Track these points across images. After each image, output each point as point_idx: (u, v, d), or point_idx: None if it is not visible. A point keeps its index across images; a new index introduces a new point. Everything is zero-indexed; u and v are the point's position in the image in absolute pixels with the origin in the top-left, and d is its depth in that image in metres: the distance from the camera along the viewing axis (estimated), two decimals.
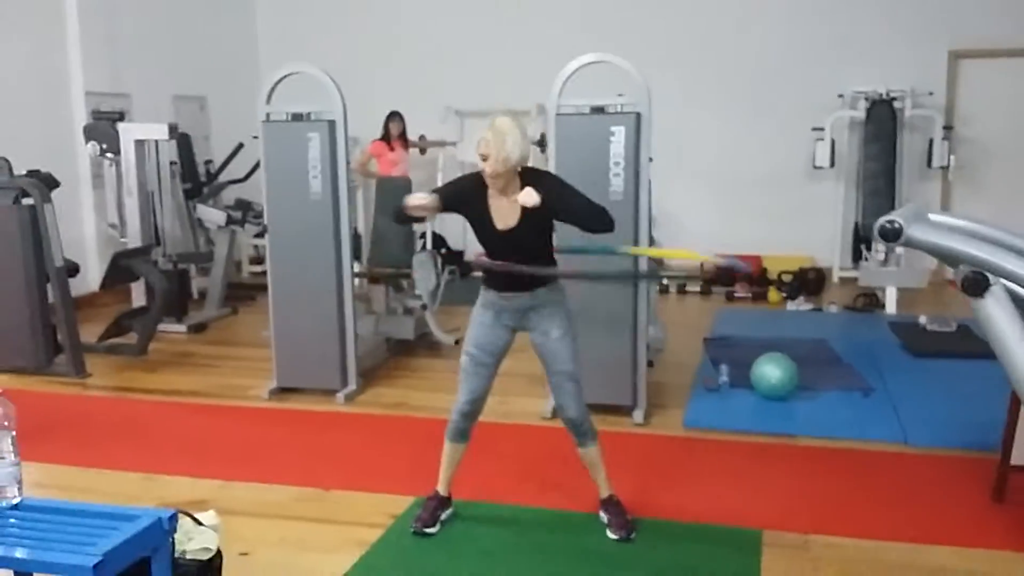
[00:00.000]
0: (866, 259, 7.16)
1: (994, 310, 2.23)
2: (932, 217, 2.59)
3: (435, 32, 8.80)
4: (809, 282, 7.47)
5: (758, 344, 5.23)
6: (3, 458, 2.11)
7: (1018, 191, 7.70)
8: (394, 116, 7.54)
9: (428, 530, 3.19)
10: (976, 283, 2.22)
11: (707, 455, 3.99)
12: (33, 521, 2.10)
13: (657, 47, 8.10)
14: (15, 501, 2.13)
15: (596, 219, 3.01)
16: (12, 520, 2.09)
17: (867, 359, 5.35)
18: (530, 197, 2.85)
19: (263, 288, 6.22)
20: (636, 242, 4.23)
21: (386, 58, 8.86)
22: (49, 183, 5.43)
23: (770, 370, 4.57)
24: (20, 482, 2.15)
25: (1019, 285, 2.22)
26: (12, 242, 5.13)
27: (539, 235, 3.05)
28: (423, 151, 8.35)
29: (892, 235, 2.24)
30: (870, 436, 4.12)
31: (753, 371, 4.63)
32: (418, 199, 2.97)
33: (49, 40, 6.94)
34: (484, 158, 2.91)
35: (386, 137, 7.51)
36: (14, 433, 2.13)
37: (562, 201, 2.96)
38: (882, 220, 2.25)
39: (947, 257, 2.31)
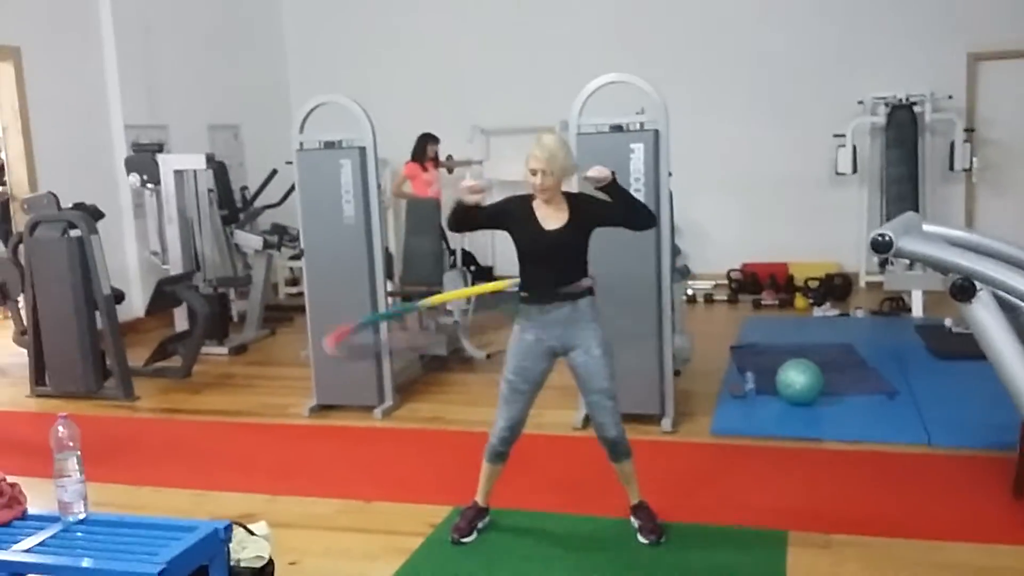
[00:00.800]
0: (891, 264, 7.20)
1: (981, 314, 2.37)
2: (926, 228, 2.72)
3: (459, 54, 8.99)
4: (835, 288, 7.54)
5: (784, 351, 5.32)
6: (70, 476, 2.27)
7: None
8: (432, 138, 7.68)
9: (465, 540, 3.32)
10: (964, 290, 2.36)
11: (734, 460, 4.08)
12: (99, 534, 2.26)
13: (678, 59, 8.24)
14: (82, 516, 2.29)
15: (642, 213, 3.23)
16: (79, 533, 2.25)
17: (893, 363, 5.41)
18: (601, 171, 3.07)
19: (299, 309, 6.43)
20: (659, 252, 4.36)
21: (411, 81, 9.07)
22: (95, 215, 5.66)
23: (795, 376, 4.66)
24: (86, 498, 2.31)
25: (1003, 291, 2.34)
26: (62, 272, 5.37)
27: (581, 241, 3.18)
28: (450, 171, 8.53)
29: (883, 247, 2.38)
30: (894, 438, 4.19)
31: (778, 377, 4.73)
32: (469, 183, 3.12)
33: (89, 77, 7.23)
34: (534, 172, 3.06)
35: (419, 158, 7.66)
36: (79, 453, 2.30)
37: (606, 205, 3.16)
38: (874, 233, 2.39)
39: (937, 266, 2.44)
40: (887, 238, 2.40)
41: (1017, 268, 2.65)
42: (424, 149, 7.63)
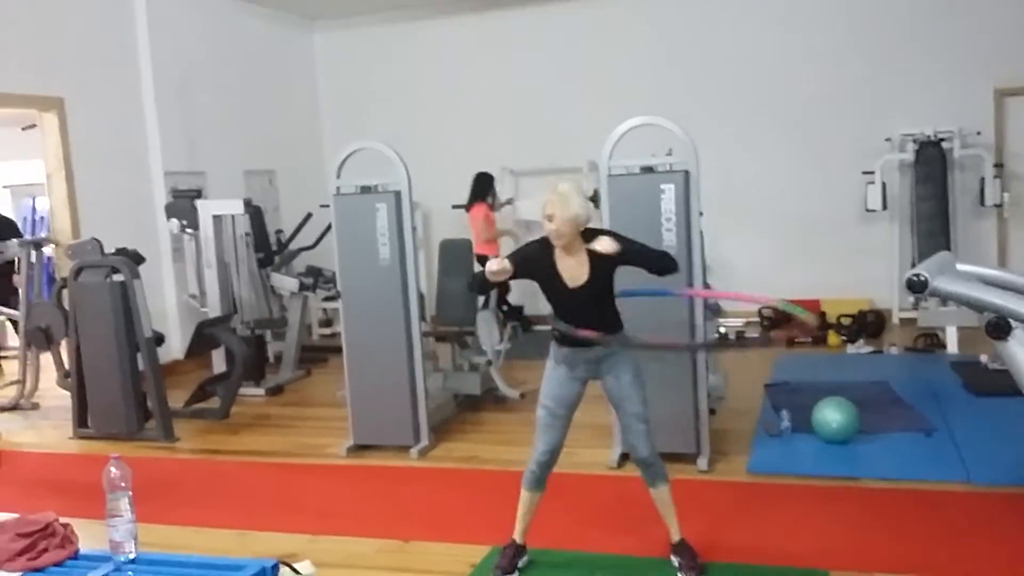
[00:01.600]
0: (925, 300, 7.18)
1: (1018, 352, 2.39)
2: (959, 267, 2.75)
3: (488, 97, 9.14)
4: (869, 324, 7.49)
5: (819, 388, 5.31)
6: (121, 516, 2.32)
7: None
8: (492, 178, 7.81)
9: None
10: (999, 328, 2.38)
11: (772, 499, 4.07)
12: (150, 573, 2.31)
13: (707, 98, 8.32)
14: (132, 556, 2.34)
15: (662, 260, 3.27)
16: (131, 572, 2.30)
17: (929, 400, 5.38)
18: (610, 245, 3.07)
19: (333, 350, 6.52)
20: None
21: (441, 125, 9.23)
22: (136, 259, 5.79)
23: (830, 414, 4.64)
24: (136, 538, 2.37)
25: None
26: (105, 316, 5.49)
27: (606, 290, 3.25)
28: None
29: (919, 287, 2.42)
30: (933, 476, 4.16)
31: (814, 416, 4.71)
32: (497, 264, 3.16)
33: (130, 125, 7.44)
34: (550, 219, 3.13)
35: (483, 197, 7.76)
36: (130, 493, 2.36)
37: (630, 250, 3.19)
38: (909, 274, 2.42)
39: (972, 305, 2.46)
40: (922, 278, 2.44)
41: None
42: (490, 188, 7.69)
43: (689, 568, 3.28)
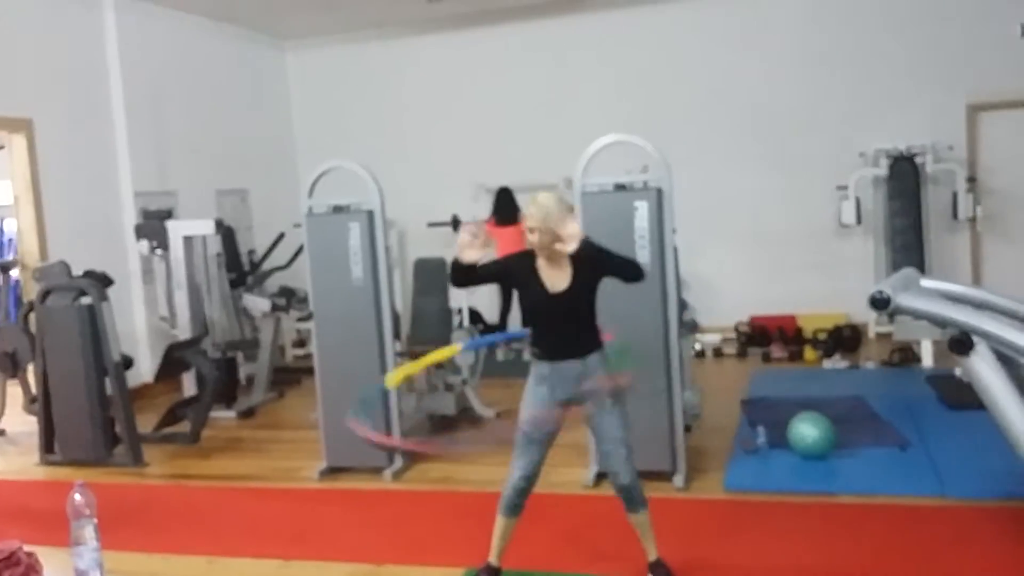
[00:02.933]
0: (890, 318, 7.21)
1: (980, 367, 2.39)
2: (924, 283, 2.75)
3: (463, 115, 9.14)
4: (845, 339, 7.52)
5: (795, 404, 5.29)
6: (86, 544, 2.26)
7: None
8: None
9: None
10: (961, 344, 2.39)
11: (748, 516, 4.05)
12: None
13: (682, 115, 8.36)
14: None
15: (632, 270, 3.27)
16: None
17: (905, 414, 5.38)
18: (573, 241, 3.05)
19: (307, 371, 6.44)
20: (666, 307, 4.38)
21: (416, 142, 9.21)
22: (105, 282, 5.71)
23: (806, 429, 4.63)
24: (102, 566, 2.30)
25: (999, 344, 2.37)
26: (72, 340, 5.40)
27: (587, 299, 3.23)
28: None
29: (882, 304, 2.42)
30: (908, 490, 4.16)
31: (790, 431, 4.70)
32: (465, 236, 3.16)
33: (99, 146, 7.34)
34: (531, 231, 3.12)
35: (506, 214, 7.74)
36: (95, 520, 2.30)
37: (606, 259, 3.20)
38: (872, 291, 2.42)
39: (935, 321, 2.46)
40: (885, 295, 2.44)
41: (1014, 321, 2.67)
42: (513, 203, 7.67)
43: None
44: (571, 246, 3.07)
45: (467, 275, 3.27)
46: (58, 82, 7.01)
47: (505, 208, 7.83)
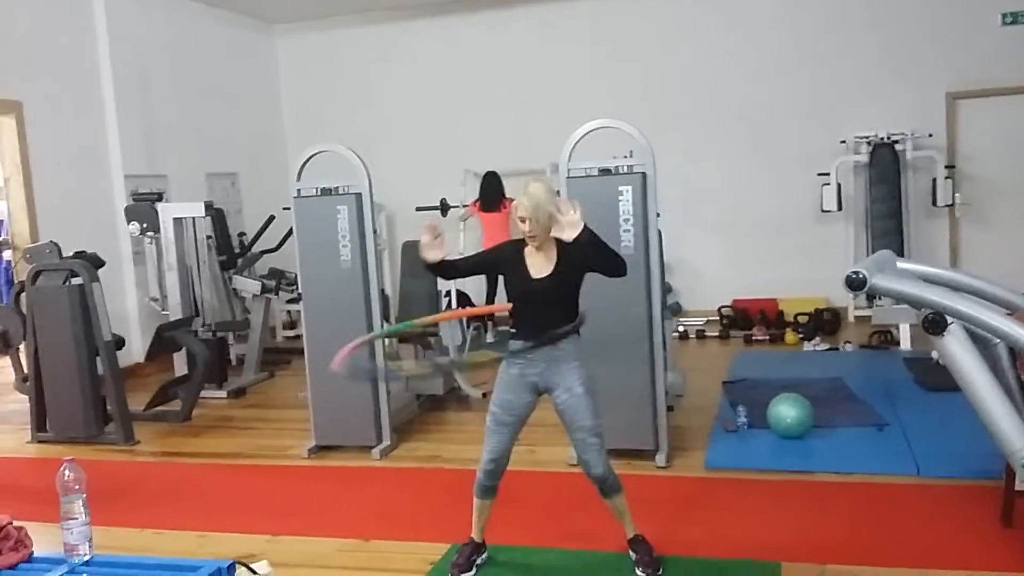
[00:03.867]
0: (879, 298, 7.33)
1: (953, 346, 2.49)
2: (900, 265, 2.84)
3: (451, 100, 9.19)
4: (825, 322, 7.65)
5: (775, 385, 5.41)
6: (76, 518, 2.32)
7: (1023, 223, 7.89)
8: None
9: (465, 574, 3.37)
10: (936, 324, 2.47)
11: (728, 494, 4.15)
12: (105, 575, 2.32)
13: (666, 102, 8.44)
14: (87, 558, 2.34)
15: (616, 267, 3.26)
16: (84, 575, 2.31)
17: (882, 395, 5.51)
18: (573, 229, 3.06)
19: (297, 352, 6.51)
20: (650, 290, 4.47)
21: (405, 127, 9.26)
22: (95, 263, 5.76)
23: (785, 410, 4.74)
24: (91, 541, 2.37)
25: (972, 324, 2.46)
26: (64, 320, 5.45)
27: (570, 285, 3.26)
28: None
29: (857, 284, 2.50)
30: (884, 470, 4.27)
31: (770, 411, 4.81)
32: (426, 236, 3.19)
33: (89, 129, 7.38)
34: (523, 220, 3.16)
35: (492, 200, 7.79)
36: (85, 496, 2.36)
37: (596, 252, 3.18)
38: (849, 271, 2.51)
39: (910, 302, 2.55)
40: (861, 275, 2.53)
41: (987, 302, 2.77)
42: (499, 187, 7.69)
43: (645, 564, 3.33)
44: (570, 233, 3.07)
45: (445, 270, 3.30)
46: (48, 65, 7.02)
47: (491, 192, 7.88)
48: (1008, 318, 2.60)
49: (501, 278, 3.41)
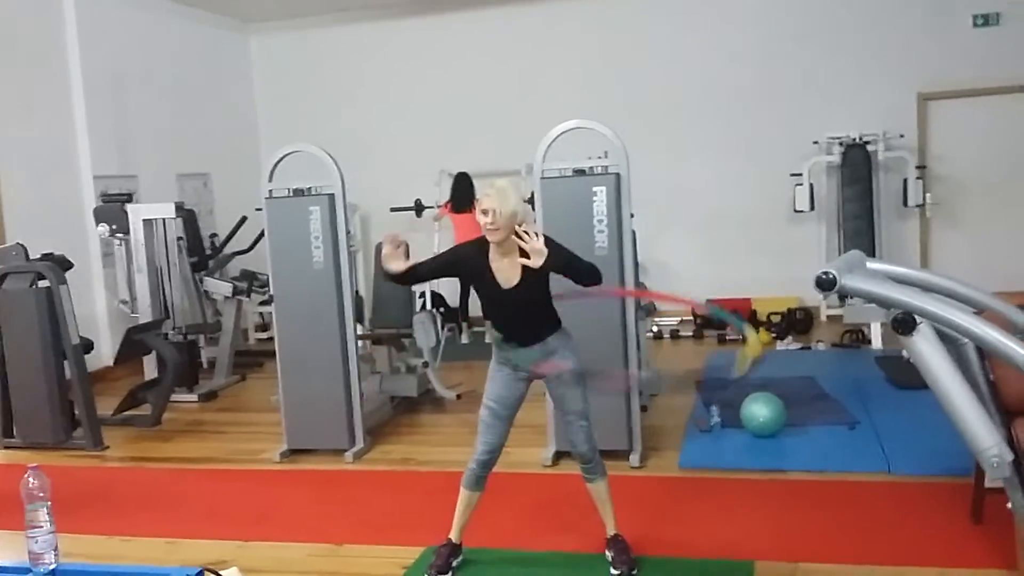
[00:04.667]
0: (850, 298, 7.38)
1: (922, 346, 2.50)
2: (870, 265, 2.86)
3: (426, 100, 9.15)
4: (797, 322, 7.70)
5: (748, 384, 5.43)
6: (40, 527, 2.28)
7: (993, 223, 7.98)
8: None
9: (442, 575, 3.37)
10: (905, 323, 2.48)
11: (701, 493, 4.16)
12: None
13: (642, 103, 8.46)
14: (52, 567, 2.30)
15: (588, 274, 3.24)
16: None
17: (853, 393, 5.55)
18: (537, 259, 3.07)
19: (270, 354, 6.44)
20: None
21: (379, 127, 9.21)
22: (63, 265, 5.67)
23: (758, 409, 4.77)
24: (56, 549, 2.33)
25: (940, 324, 2.47)
26: (30, 323, 5.36)
27: (539, 290, 3.27)
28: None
29: (827, 285, 2.51)
30: (856, 467, 4.30)
31: (742, 411, 4.83)
32: (387, 248, 3.16)
33: (58, 128, 7.27)
34: (486, 212, 3.13)
35: (464, 203, 7.79)
36: (49, 503, 2.32)
37: (560, 259, 3.17)
38: (819, 272, 2.51)
39: (879, 302, 2.56)
40: (830, 276, 2.53)
41: (955, 302, 2.79)
42: (470, 189, 7.68)
43: (622, 562, 3.34)
44: (536, 261, 3.08)
45: (405, 278, 3.28)
46: (16, 64, 6.91)
47: (462, 193, 7.87)
48: (976, 317, 2.62)
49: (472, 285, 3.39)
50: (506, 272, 3.22)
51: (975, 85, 7.83)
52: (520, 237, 3.10)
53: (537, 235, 3.11)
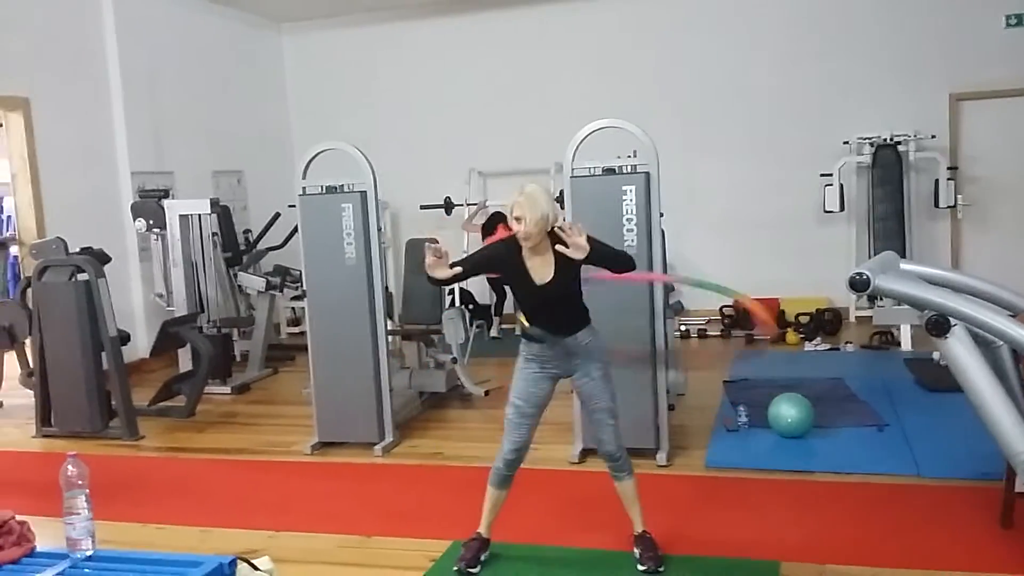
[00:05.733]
0: (880, 299, 7.34)
1: (956, 348, 2.51)
2: (903, 266, 2.86)
3: (456, 100, 9.20)
4: (826, 323, 7.66)
5: (776, 385, 5.43)
6: (78, 513, 2.33)
7: None
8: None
9: (471, 569, 3.39)
10: (939, 325, 2.49)
11: (728, 493, 4.16)
12: (107, 570, 2.28)
13: (670, 103, 8.45)
14: (89, 553, 2.36)
15: (622, 261, 3.32)
16: (87, 570, 2.27)
17: (883, 396, 5.52)
18: (577, 252, 3.11)
19: (301, 348, 6.53)
20: (652, 289, 4.50)
21: (410, 126, 9.28)
22: (101, 259, 5.80)
23: (786, 409, 4.76)
24: (94, 536, 2.39)
25: (975, 326, 2.48)
26: (69, 315, 5.49)
27: (572, 285, 3.32)
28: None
29: (861, 285, 2.52)
30: (884, 470, 4.28)
31: (770, 411, 4.83)
32: (430, 258, 3.17)
33: (97, 126, 7.41)
34: (518, 220, 3.17)
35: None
36: (87, 491, 2.38)
37: (596, 254, 3.20)
38: (852, 272, 2.52)
39: (913, 303, 2.57)
40: (865, 277, 2.54)
41: (990, 304, 2.79)
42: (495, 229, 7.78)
43: (648, 559, 3.35)
44: (578, 255, 3.12)
45: (450, 280, 3.29)
46: (56, 61, 7.05)
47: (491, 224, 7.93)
48: (1011, 320, 2.62)
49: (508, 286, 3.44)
50: (539, 269, 3.26)
51: (1007, 86, 7.74)
52: (562, 230, 3.14)
53: (579, 231, 3.13)
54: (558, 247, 3.19)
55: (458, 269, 3.22)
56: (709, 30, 8.51)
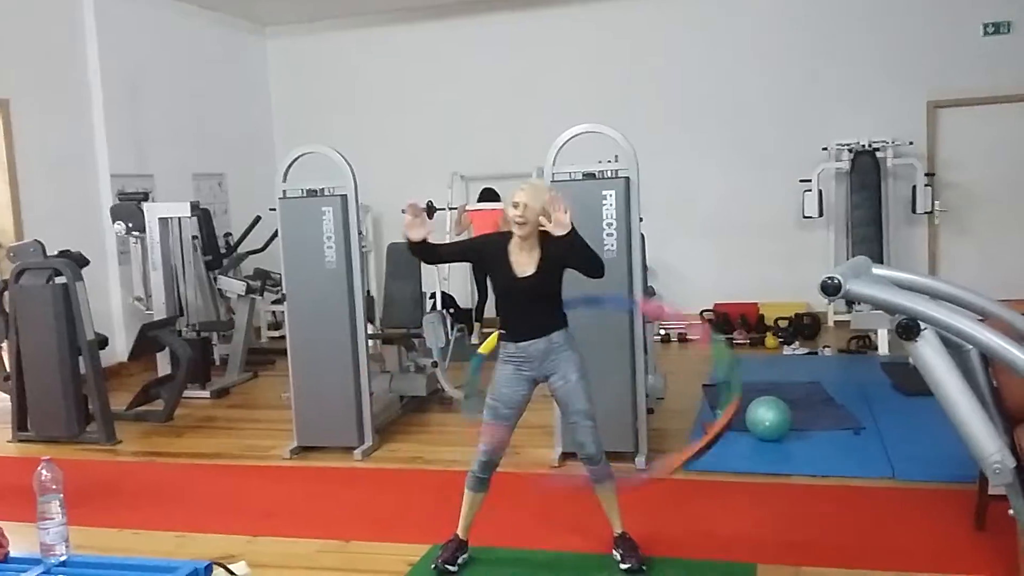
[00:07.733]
0: (857, 304, 7.40)
1: (926, 352, 2.53)
2: (875, 271, 2.88)
3: (439, 103, 9.21)
4: (804, 327, 7.72)
5: (755, 388, 5.45)
6: (52, 518, 2.31)
7: (1001, 231, 7.99)
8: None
9: (450, 567, 3.41)
10: (908, 329, 2.51)
11: (706, 496, 4.19)
12: None
13: (652, 108, 8.49)
14: (63, 558, 2.34)
15: (596, 267, 3.33)
16: (60, 575, 2.32)
17: (859, 399, 5.57)
18: (560, 227, 3.14)
19: (281, 352, 6.51)
20: (631, 292, 4.52)
21: (392, 129, 9.28)
22: (80, 262, 5.75)
23: (763, 413, 4.79)
24: (67, 541, 2.37)
25: (944, 330, 2.51)
26: (47, 319, 5.44)
27: (552, 284, 3.34)
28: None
29: (832, 290, 2.53)
30: (860, 473, 4.32)
31: (748, 415, 4.86)
32: (408, 216, 3.25)
33: (76, 128, 7.37)
34: (516, 205, 3.22)
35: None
36: (62, 496, 2.36)
37: (577, 241, 3.25)
38: (824, 276, 2.54)
39: (884, 307, 2.59)
40: (836, 281, 2.56)
41: (960, 308, 2.81)
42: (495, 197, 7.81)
43: (631, 557, 3.38)
44: (559, 230, 3.16)
45: (428, 252, 3.39)
46: (36, 63, 7.01)
47: (486, 199, 7.95)
48: (980, 324, 2.64)
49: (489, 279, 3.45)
50: (523, 263, 3.30)
51: (985, 93, 7.84)
52: (552, 203, 3.17)
53: (565, 207, 3.17)
54: (541, 218, 3.21)
55: (434, 244, 3.31)
56: (691, 38, 8.57)
